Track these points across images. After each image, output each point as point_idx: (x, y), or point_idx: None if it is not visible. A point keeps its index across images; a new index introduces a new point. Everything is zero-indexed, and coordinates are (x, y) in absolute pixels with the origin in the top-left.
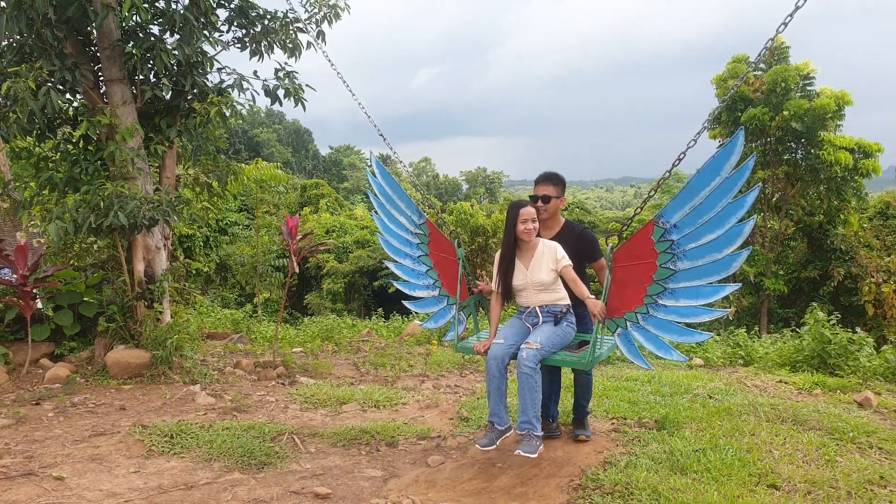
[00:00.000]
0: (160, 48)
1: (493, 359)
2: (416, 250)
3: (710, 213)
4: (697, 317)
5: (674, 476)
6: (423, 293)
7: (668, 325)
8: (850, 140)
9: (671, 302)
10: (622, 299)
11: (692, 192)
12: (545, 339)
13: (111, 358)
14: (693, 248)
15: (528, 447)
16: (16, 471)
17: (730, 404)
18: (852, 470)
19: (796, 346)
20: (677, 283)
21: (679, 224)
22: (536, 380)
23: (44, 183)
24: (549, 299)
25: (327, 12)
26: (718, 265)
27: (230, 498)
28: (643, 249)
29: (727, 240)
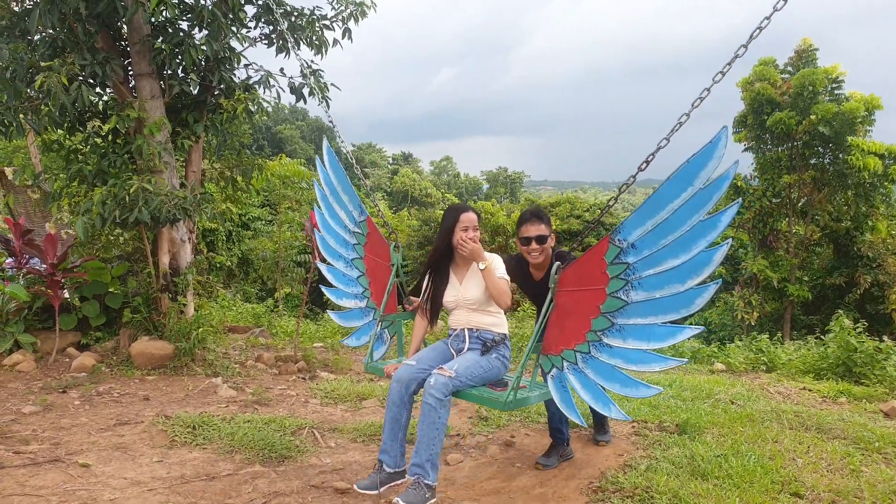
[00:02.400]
0: (189, 44)
1: (397, 382)
2: (350, 252)
3: (676, 233)
4: (647, 364)
5: (695, 481)
6: (350, 303)
7: (611, 371)
8: (879, 145)
9: (618, 342)
10: (562, 331)
11: (658, 204)
12: (464, 368)
13: (136, 349)
14: (651, 276)
15: (412, 497)
16: (43, 457)
17: (752, 410)
18: (877, 480)
19: (821, 353)
20: (627, 318)
21: (638, 244)
22: (442, 415)
23: (73, 175)
24: (481, 322)
25: (354, 10)
26: (679, 300)
27: (251, 490)
28: (593, 272)
29: (693, 268)
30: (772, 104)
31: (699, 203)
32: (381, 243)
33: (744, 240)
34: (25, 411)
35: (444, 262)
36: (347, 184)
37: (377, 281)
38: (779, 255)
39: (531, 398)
